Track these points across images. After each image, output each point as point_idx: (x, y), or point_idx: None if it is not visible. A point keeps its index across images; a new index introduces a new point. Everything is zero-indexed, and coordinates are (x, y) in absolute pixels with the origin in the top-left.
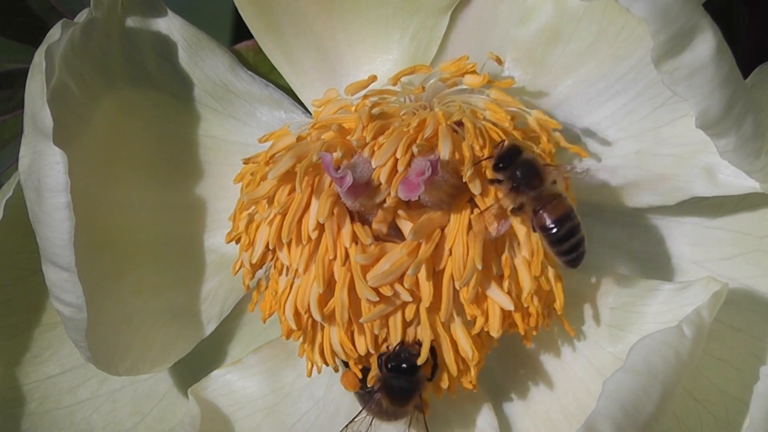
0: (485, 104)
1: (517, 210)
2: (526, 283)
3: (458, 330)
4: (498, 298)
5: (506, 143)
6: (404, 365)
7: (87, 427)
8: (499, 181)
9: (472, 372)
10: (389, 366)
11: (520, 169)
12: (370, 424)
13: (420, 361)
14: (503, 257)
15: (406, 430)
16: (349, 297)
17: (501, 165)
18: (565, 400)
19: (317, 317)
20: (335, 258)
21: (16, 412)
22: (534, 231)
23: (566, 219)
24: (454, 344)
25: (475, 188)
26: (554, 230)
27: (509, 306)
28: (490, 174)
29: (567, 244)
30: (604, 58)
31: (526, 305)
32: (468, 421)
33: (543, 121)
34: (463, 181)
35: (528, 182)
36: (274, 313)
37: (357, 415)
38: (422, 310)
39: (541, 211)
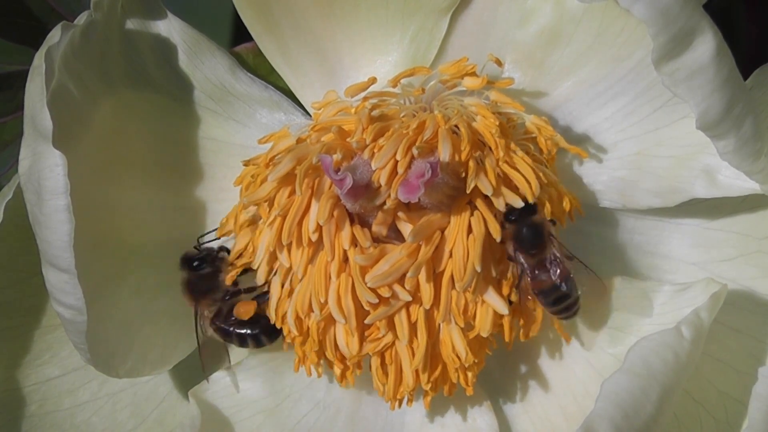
0: (478, 110)
1: (513, 258)
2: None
3: (454, 331)
4: (494, 302)
5: (526, 201)
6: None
7: (87, 429)
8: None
9: (470, 373)
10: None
11: (527, 228)
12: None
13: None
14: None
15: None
16: (353, 300)
17: (512, 217)
18: (564, 401)
19: (336, 314)
20: (333, 259)
21: (16, 414)
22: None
23: (554, 289)
24: (450, 345)
25: (486, 189)
26: (545, 297)
27: (504, 310)
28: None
29: (558, 307)
30: (604, 59)
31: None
32: (467, 421)
33: (540, 125)
34: (466, 189)
35: (529, 243)
36: None
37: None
38: (420, 312)
39: (536, 275)
